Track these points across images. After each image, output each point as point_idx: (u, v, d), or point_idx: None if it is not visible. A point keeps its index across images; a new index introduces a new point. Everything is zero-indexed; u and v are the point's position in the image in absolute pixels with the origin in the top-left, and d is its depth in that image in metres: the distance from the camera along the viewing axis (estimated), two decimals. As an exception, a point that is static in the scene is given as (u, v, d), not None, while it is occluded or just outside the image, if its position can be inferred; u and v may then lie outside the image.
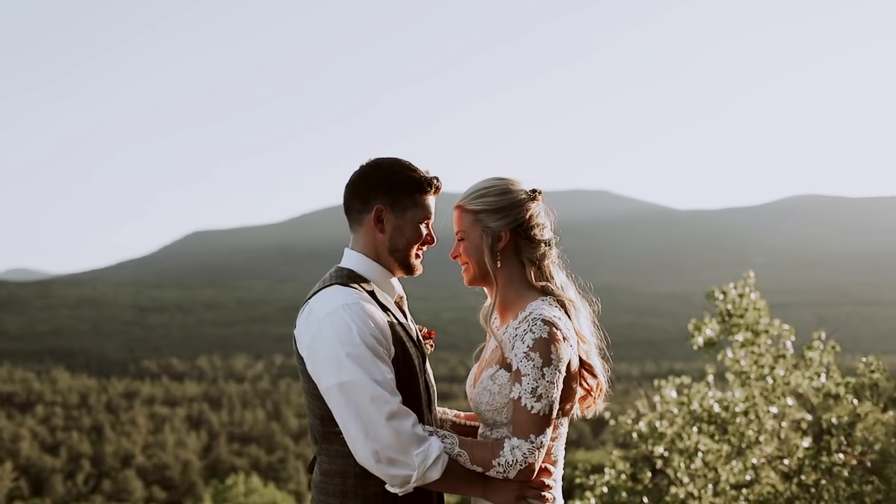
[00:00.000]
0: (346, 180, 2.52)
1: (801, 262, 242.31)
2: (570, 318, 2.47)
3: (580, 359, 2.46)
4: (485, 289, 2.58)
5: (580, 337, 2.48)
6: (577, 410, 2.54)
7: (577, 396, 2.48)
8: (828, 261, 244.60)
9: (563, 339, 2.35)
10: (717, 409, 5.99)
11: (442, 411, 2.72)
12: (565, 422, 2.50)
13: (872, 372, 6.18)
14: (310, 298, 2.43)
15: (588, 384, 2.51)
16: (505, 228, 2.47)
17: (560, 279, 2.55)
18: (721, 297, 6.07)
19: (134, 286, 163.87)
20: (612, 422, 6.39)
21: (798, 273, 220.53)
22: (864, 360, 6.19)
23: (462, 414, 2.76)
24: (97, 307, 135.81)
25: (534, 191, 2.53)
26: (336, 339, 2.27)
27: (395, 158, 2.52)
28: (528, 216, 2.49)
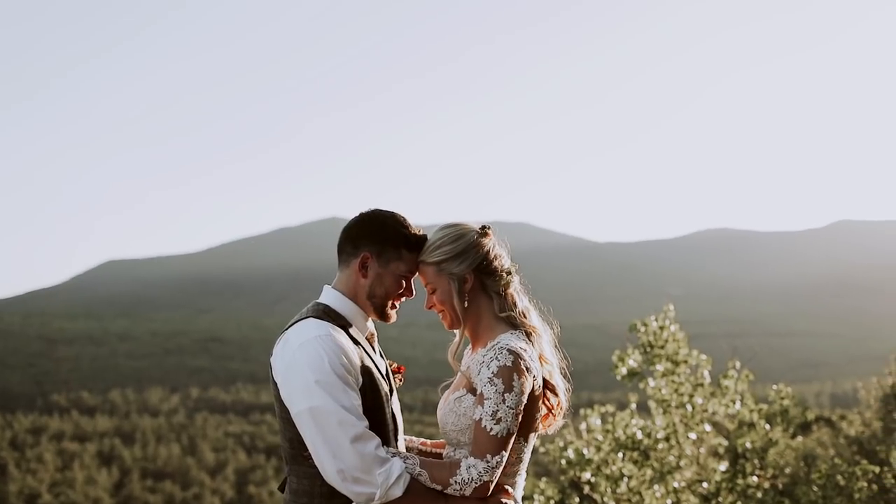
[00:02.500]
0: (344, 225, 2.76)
1: (714, 294, 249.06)
2: (534, 345, 2.66)
3: (543, 379, 2.66)
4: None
5: (543, 359, 2.68)
6: (540, 428, 2.71)
7: (541, 415, 2.67)
8: (740, 292, 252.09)
9: (526, 369, 2.53)
10: (640, 436, 6.26)
11: (409, 439, 2.90)
12: (530, 444, 2.68)
13: (783, 399, 6.56)
14: (287, 329, 2.62)
15: (550, 402, 2.70)
16: (467, 270, 2.65)
17: (522, 305, 2.73)
18: (643, 329, 6.39)
19: (42, 317, 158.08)
20: (541, 449, 6.61)
21: (712, 304, 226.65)
22: (774, 387, 6.58)
23: (429, 442, 2.94)
24: (2, 339, 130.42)
25: (483, 227, 2.72)
26: (308, 367, 2.45)
27: (392, 213, 2.71)
28: (485, 252, 2.68)
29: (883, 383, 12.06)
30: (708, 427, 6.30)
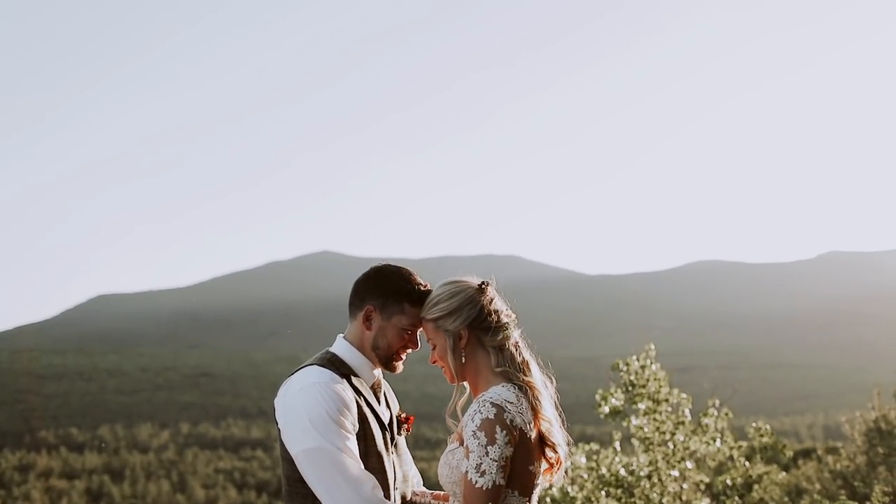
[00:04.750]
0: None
1: (705, 326, 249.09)
2: (527, 399, 2.70)
3: (542, 435, 2.70)
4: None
5: (539, 416, 2.71)
6: (543, 482, 2.74)
7: (535, 468, 2.69)
8: (730, 324, 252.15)
9: (511, 422, 2.58)
10: (623, 473, 6.39)
11: (421, 492, 3.00)
12: (533, 500, 2.68)
13: (762, 436, 6.72)
14: (292, 374, 2.77)
15: (550, 459, 2.74)
16: (462, 326, 2.72)
17: (521, 359, 2.77)
18: (625, 368, 6.55)
19: (31, 352, 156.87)
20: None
21: (703, 337, 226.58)
22: (753, 425, 6.73)
23: (441, 494, 2.99)
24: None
25: (481, 284, 2.79)
26: (305, 411, 2.60)
27: (399, 267, 2.84)
28: (479, 309, 2.74)
29: (866, 417, 12.21)
30: (690, 464, 6.44)
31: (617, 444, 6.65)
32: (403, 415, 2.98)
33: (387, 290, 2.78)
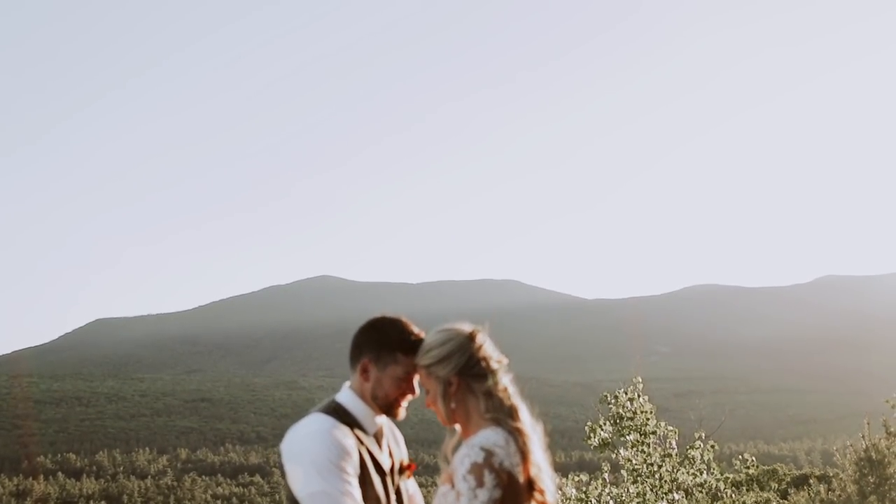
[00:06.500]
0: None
1: (703, 350, 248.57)
2: (517, 445, 2.76)
3: (531, 480, 2.73)
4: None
5: (528, 462, 2.75)
6: None
7: None
8: (727, 349, 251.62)
9: (500, 465, 2.65)
10: (612, 504, 6.60)
11: None
12: None
13: (748, 468, 6.93)
14: (299, 420, 2.92)
15: (539, 500, 2.75)
16: (451, 373, 2.81)
17: (510, 404, 2.81)
18: (613, 401, 6.78)
19: (29, 377, 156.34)
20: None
21: (700, 361, 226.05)
22: (739, 457, 6.95)
23: None
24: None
25: (471, 332, 2.87)
26: (309, 456, 2.78)
27: (393, 319, 2.97)
28: (468, 357, 2.83)
29: (857, 447, 12.36)
30: (678, 495, 6.65)
31: (606, 475, 6.84)
32: (405, 462, 3.07)
33: (380, 342, 2.90)
